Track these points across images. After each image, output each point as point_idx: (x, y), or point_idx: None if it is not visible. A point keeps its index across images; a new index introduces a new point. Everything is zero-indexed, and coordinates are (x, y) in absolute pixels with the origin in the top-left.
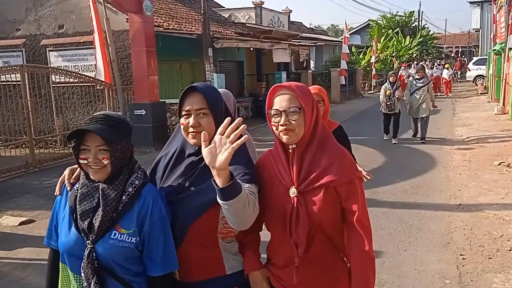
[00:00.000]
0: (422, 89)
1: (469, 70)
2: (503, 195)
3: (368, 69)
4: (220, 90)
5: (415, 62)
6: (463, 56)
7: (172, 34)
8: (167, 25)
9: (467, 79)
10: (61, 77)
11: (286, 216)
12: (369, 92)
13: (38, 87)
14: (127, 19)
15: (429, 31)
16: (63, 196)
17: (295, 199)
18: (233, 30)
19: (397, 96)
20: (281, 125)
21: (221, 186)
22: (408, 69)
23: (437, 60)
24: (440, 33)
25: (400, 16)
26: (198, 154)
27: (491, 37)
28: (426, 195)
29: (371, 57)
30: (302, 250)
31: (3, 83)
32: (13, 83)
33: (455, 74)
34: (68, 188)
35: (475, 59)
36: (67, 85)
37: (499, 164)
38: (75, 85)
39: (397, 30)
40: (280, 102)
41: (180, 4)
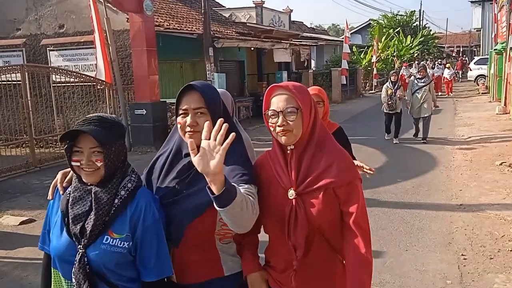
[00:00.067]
0: (423, 88)
1: (470, 70)
2: (504, 195)
3: (369, 68)
4: (218, 90)
5: (416, 62)
6: (464, 56)
7: (172, 34)
8: (167, 25)
9: (468, 79)
10: (61, 76)
11: (284, 218)
12: (370, 91)
13: (38, 86)
14: (128, 18)
15: (430, 30)
16: (56, 200)
17: (293, 201)
18: (233, 30)
19: (398, 96)
20: (279, 126)
21: (217, 192)
22: (409, 68)
23: (438, 60)
24: (441, 33)
25: (401, 15)
26: None
27: (492, 36)
28: (428, 195)
29: (372, 56)
30: (301, 253)
31: (3, 82)
32: (13, 82)
33: (456, 73)
34: (60, 192)
35: (476, 58)
36: (67, 84)
37: (500, 164)
38: (76, 84)
39: (398, 30)
40: (277, 102)
41: (180, 3)
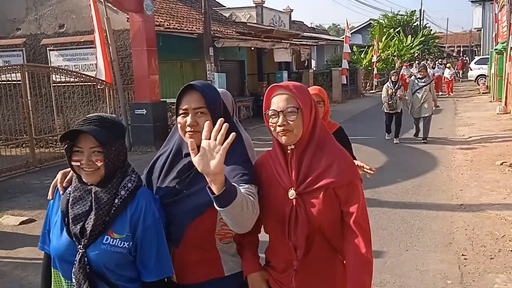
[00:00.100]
0: (424, 88)
1: (471, 70)
2: (505, 195)
3: (370, 68)
4: (218, 90)
5: (416, 62)
6: (464, 56)
7: (173, 34)
8: (168, 25)
9: (469, 79)
10: (61, 76)
11: (285, 218)
12: (371, 91)
13: (38, 86)
14: (128, 18)
15: (431, 30)
16: (56, 200)
17: (294, 201)
18: (234, 30)
19: (399, 96)
20: (279, 126)
21: (217, 192)
22: (410, 68)
23: (439, 60)
24: (441, 32)
25: (402, 15)
26: None
27: (493, 36)
28: (428, 195)
29: (372, 56)
30: (301, 253)
31: (3, 82)
32: (13, 82)
33: (456, 73)
34: (60, 192)
35: (477, 58)
36: (67, 84)
37: (501, 164)
38: (76, 84)
39: (398, 29)
40: (277, 102)
41: (181, 3)
